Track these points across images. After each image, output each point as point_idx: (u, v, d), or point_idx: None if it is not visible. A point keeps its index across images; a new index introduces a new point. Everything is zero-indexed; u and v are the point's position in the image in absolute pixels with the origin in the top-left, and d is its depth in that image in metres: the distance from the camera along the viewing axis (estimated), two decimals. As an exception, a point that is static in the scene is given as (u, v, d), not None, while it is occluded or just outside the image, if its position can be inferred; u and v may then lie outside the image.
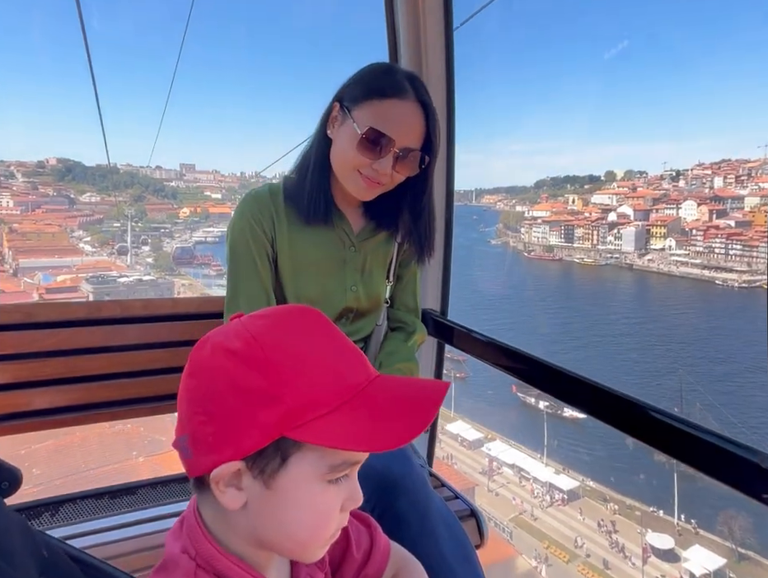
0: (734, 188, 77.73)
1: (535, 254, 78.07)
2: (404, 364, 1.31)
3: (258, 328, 0.56)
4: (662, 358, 37.77)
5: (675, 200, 76.41)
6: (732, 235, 64.58)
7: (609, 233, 75.24)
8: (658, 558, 18.36)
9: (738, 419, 27.56)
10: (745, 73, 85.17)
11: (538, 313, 50.68)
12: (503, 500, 22.03)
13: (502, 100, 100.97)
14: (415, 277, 1.44)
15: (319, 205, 1.21)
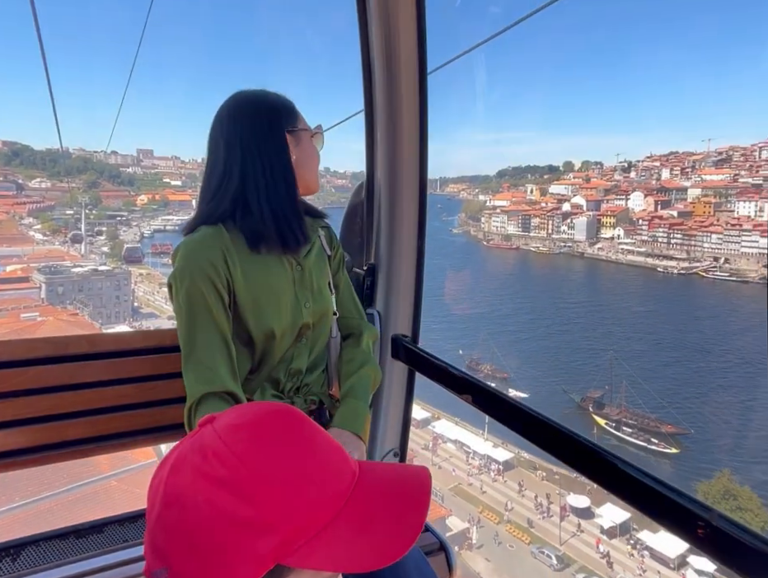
0: (679, 179, 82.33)
1: (493, 243, 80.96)
2: (365, 369, 1.33)
3: (242, 447, 0.51)
4: (603, 340, 40.90)
5: (624, 191, 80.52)
6: (674, 224, 69.00)
7: (563, 223, 78.79)
8: (576, 516, 20.86)
9: (655, 391, 30.68)
10: (700, 69, 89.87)
11: (493, 302, 53.23)
12: (445, 472, 24.12)
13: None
14: (348, 281, 1.46)
15: (304, 228, 1.24)
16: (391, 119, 1.68)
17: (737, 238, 62.58)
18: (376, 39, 1.60)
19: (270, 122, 1.22)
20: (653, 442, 26.91)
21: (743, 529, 0.83)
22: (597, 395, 31.02)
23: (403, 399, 1.89)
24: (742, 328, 44.10)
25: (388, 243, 1.79)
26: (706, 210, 69.20)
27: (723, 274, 59.97)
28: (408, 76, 1.62)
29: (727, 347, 39.94)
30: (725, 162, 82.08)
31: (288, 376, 1.28)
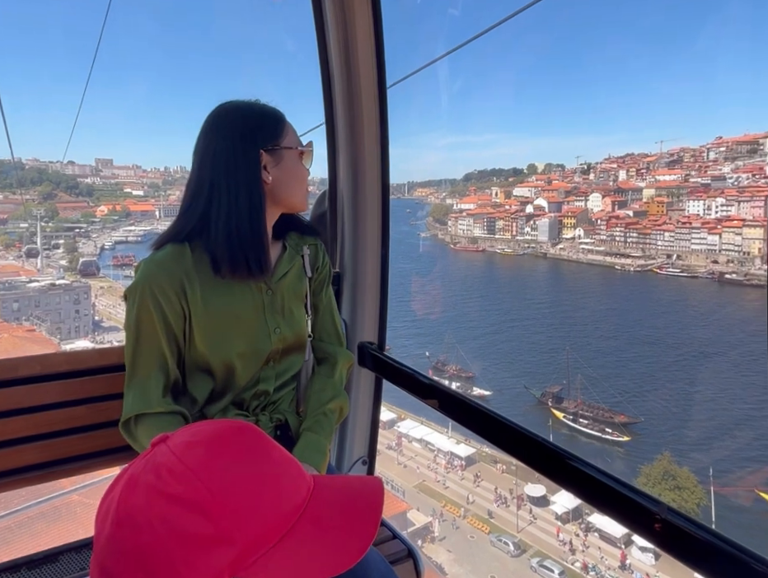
0: (635, 180, 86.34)
1: (460, 246, 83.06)
2: (334, 403, 1.32)
3: (197, 462, 0.52)
4: (563, 338, 42.84)
5: (584, 192, 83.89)
6: (630, 224, 72.43)
7: (527, 224, 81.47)
8: (532, 504, 22.19)
9: (611, 386, 32.57)
10: (663, 72, 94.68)
11: (459, 304, 54.83)
12: (410, 470, 25.13)
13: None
14: (331, 302, 1.43)
15: (267, 255, 1.18)
16: (352, 129, 1.69)
17: (688, 235, 66.36)
18: (334, 51, 1.60)
19: (244, 139, 1.16)
20: (607, 432, 28.66)
21: (692, 522, 0.86)
22: (556, 390, 32.69)
23: (370, 407, 1.87)
24: (693, 321, 46.96)
25: (352, 251, 1.81)
26: (659, 209, 73.05)
27: (676, 270, 63.52)
28: (367, 87, 1.63)
29: (678, 339, 42.46)
30: (677, 163, 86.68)
31: (253, 397, 1.26)
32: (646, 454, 25.10)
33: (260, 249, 1.18)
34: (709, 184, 76.92)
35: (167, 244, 1.19)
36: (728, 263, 61.86)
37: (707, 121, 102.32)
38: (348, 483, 0.64)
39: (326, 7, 1.59)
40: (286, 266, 1.31)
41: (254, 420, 1.26)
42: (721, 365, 36.75)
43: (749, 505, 21.41)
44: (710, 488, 20.87)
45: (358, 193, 1.79)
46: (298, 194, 1.27)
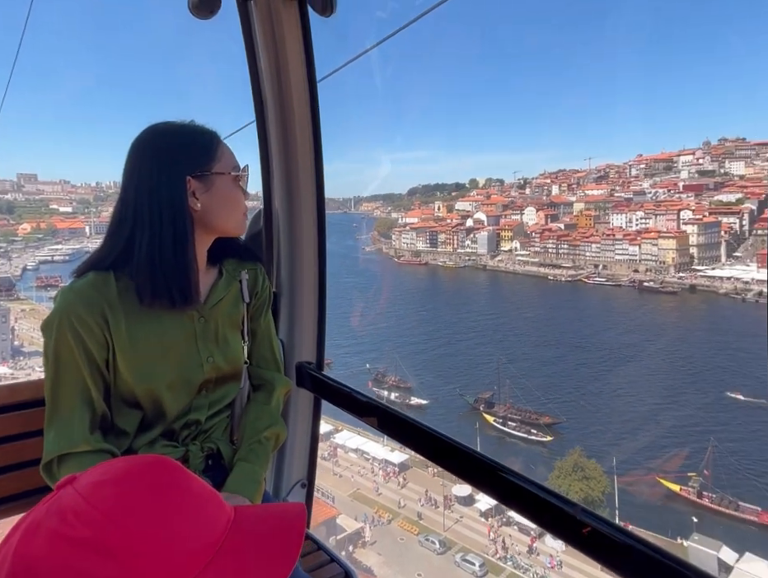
0: (566, 195, 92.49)
1: (404, 259, 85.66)
2: (270, 431, 1.30)
3: (106, 503, 0.50)
4: (498, 346, 45.47)
5: (520, 206, 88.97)
6: (561, 236, 77.54)
7: (467, 237, 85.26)
8: (459, 504, 23.80)
9: (539, 389, 35.14)
10: (583, 90, 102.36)
11: (401, 316, 56.65)
12: (345, 480, 26.13)
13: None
14: (270, 327, 1.41)
15: (192, 286, 1.15)
16: (286, 145, 1.68)
17: (612, 247, 72.03)
18: (264, 63, 1.59)
19: (169, 164, 1.13)
20: (533, 433, 30.94)
21: (605, 523, 0.92)
22: (488, 396, 34.81)
23: (309, 428, 1.85)
24: (615, 326, 51.16)
25: (289, 270, 1.79)
26: (588, 222, 78.79)
27: (602, 280, 68.76)
28: (298, 92, 1.61)
29: (602, 343, 46.13)
30: (603, 179, 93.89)
31: (184, 427, 1.24)
32: (565, 450, 27.42)
33: (185, 278, 1.13)
34: (631, 198, 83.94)
35: (90, 273, 1.14)
36: (647, 272, 67.74)
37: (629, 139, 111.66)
38: (269, 512, 0.66)
39: (253, 19, 1.57)
40: (221, 292, 1.27)
41: (183, 450, 1.22)
42: (638, 367, 40.35)
43: (649, 490, 24.07)
44: (615, 477, 23.28)
45: (293, 210, 1.77)
46: (232, 220, 1.22)
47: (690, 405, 32.65)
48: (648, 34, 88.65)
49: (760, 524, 21.24)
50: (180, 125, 1.20)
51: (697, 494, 23.41)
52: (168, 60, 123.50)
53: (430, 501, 24.33)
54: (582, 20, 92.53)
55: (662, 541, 21.41)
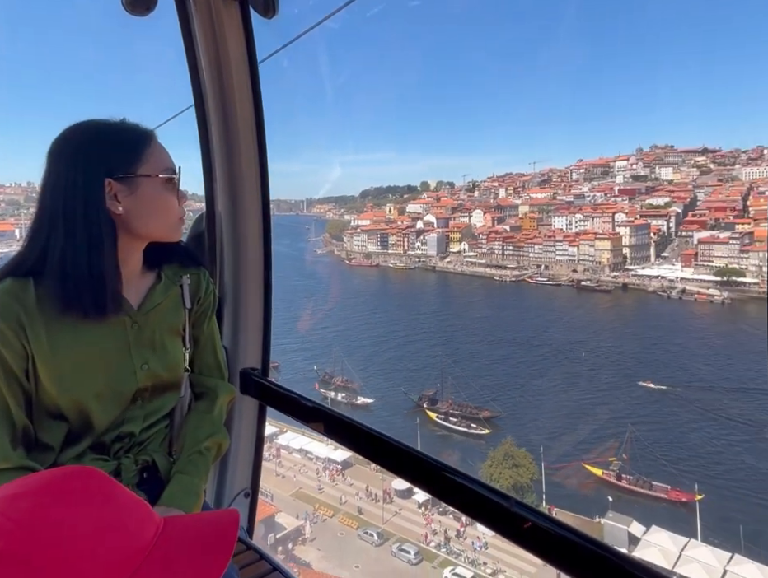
0: (513, 198, 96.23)
1: (355, 262, 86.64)
2: (211, 440, 1.27)
3: (23, 516, 0.49)
4: (443, 345, 47.06)
5: (468, 209, 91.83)
6: (506, 238, 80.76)
7: (417, 239, 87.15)
8: (399, 497, 24.82)
9: (481, 385, 36.82)
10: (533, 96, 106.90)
11: (350, 318, 57.40)
12: (288, 480, 26.61)
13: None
14: (213, 334, 1.37)
15: (107, 294, 1.09)
16: (228, 144, 1.66)
17: (553, 248, 75.83)
18: (203, 55, 1.58)
19: (88, 165, 1.07)
20: (473, 427, 32.50)
21: (538, 513, 0.96)
22: (431, 393, 36.16)
23: (254, 436, 1.82)
24: (553, 324, 54.07)
25: (233, 274, 1.76)
26: (531, 224, 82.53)
27: (544, 279, 72.38)
28: (242, 103, 1.60)
29: (542, 340, 48.66)
30: (547, 182, 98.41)
31: (116, 439, 1.18)
32: (501, 442, 29.03)
33: (99, 286, 1.08)
34: (572, 201, 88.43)
35: (7, 279, 1.09)
36: (585, 272, 71.84)
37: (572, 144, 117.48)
38: (202, 520, 0.67)
39: (193, 19, 1.55)
40: (159, 298, 1.23)
41: (115, 464, 1.17)
42: (573, 362, 42.94)
43: (575, 475, 26.00)
44: (542, 464, 25.00)
45: (237, 212, 1.72)
46: (161, 225, 1.17)
47: (617, 396, 35.30)
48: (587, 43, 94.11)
49: (669, 500, 23.49)
50: (104, 123, 1.14)
51: (617, 477, 25.54)
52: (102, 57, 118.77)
53: (371, 495, 25.22)
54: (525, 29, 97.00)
55: (582, 520, 23.29)
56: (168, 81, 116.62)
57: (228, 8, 1.53)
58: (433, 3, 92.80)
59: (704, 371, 38.86)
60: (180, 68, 1.67)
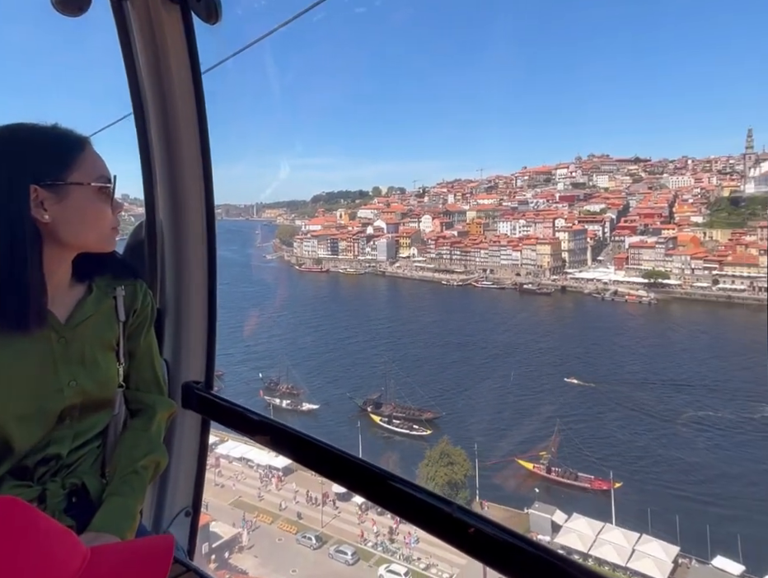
0: (461, 203, 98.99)
1: (305, 267, 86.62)
2: (148, 459, 1.21)
3: None
4: (390, 349, 48.01)
5: (417, 214, 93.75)
6: (454, 243, 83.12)
7: (367, 245, 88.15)
8: (339, 500, 25.34)
9: (426, 388, 37.94)
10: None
11: (299, 324, 57.43)
12: (227, 489, 26.56)
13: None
14: (151, 347, 1.32)
15: (31, 307, 1.04)
16: (168, 149, 1.62)
17: (498, 252, 78.79)
18: (143, 59, 1.56)
19: (11, 171, 1.04)
20: (415, 428, 33.50)
21: (479, 518, 0.96)
22: (375, 397, 36.92)
23: (196, 451, 1.78)
24: (497, 326, 56.25)
25: (174, 284, 1.72)
26: (478, 230, 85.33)
27: (489, 283, 75.14)
28: (184, 104, 1.57)
29: (486, 342, 50.53)
30: (493, 189, 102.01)
31: (40, 463, 1.11)
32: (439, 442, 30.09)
33: (22, 298, 1.03)
34: (517, 207, 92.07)
35: None
36: (527, 275, 75.11)
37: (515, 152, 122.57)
38: (132, 548, 0.65)
39: (131, 21, 1.53)
40: (89, 310, 1.17)
41: (39, 490, 1.09)
42: (513, 362, 44.88)
43: (508, 470, 27.44)
44: (476, 461, 26.24)
45: (179, 220, 1.68)
46: (91, 235, 1.12)
47: (553, 394, 37.37)
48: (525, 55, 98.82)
49: (592, 489, 25.28)
50: (32, 128, 1.10)
51: (546, 469, 27.19)
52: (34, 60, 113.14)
53: (311, 500, 25.62)
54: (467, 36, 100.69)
55: (512, 512, 24.69)
56: (108, 86, 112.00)
57: (169, 12, 1.50)
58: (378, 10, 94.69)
59: (637, 369, 41.74)
60: (120, 72, 1.64)
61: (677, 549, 19.45)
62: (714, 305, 61.42)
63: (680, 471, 25.83)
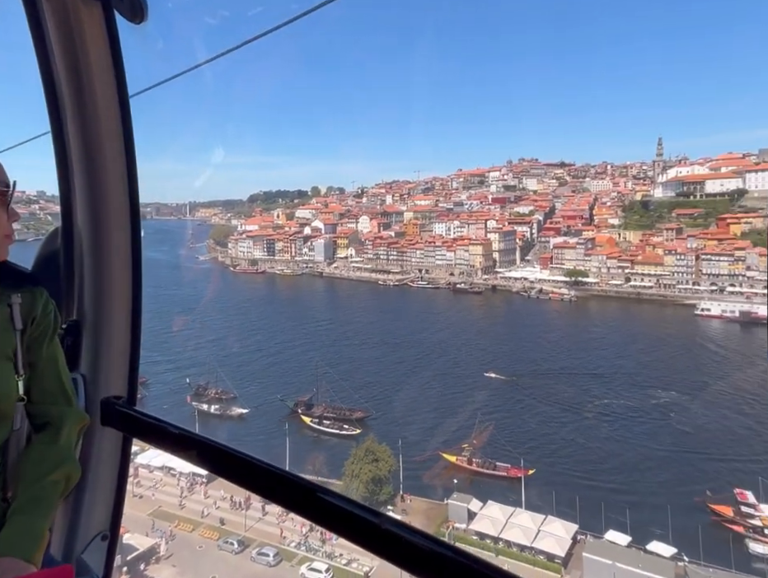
0: (398, 204, 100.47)
1: (240, 268, 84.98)
2: (58, 472, 1.11)
3: None
4: (325, 351, 48.17)
5: (355, 215, 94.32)
6: (391, 243, 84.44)
7: (305, 245, 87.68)
8: (267, 503, 25.31)
9: (356, 386, 38.46)
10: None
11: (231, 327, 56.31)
12: (146, 500, 25.80)
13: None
14: (55, 357, 1.23)
15: None
16: (89, 151, 1.55)
17: (433, 253, 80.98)
18: (59, 58, 1.49)
19: None
20: (345, 428, 33.98)
21: (408, 529, 0.95)
22: (306, 399, 37.03)
23: (116, 472, 1.68)
24: (431, 325, 57.90)
25: (94, 294, 1.63)
26: (414, 230, 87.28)
27: (424, 283, 77.20)
28: (105, 99, 1.51)
29: (418, 341, 51.83)
30: (430, 190, 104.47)
31: None
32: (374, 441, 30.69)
33: None
34: (452, 208, 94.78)
35: None
36: (460, 275, 77.82)
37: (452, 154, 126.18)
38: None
39: (46, 19, 1.47)
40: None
41: None
42: (445, 360, 46.41)
43: (433, 464, 28.53)
44: (400, 457, 27.11)
45: (100, 225, 1.59)
46: None
47: (478, 388, 39.12)
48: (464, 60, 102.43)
49: (508, 477, 26.85)
50: None
51: (468, 461, 28.53)
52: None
53: (236, 505, 25.43)
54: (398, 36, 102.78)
55: (433, 504, 25.79)
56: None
57: (89, 9, 1.43)
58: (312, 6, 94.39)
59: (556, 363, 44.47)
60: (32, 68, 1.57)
61: (576, 527, 21.18)
62: (626, 301, 66.51)
63: (584, 456, 28.05)
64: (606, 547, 19.76)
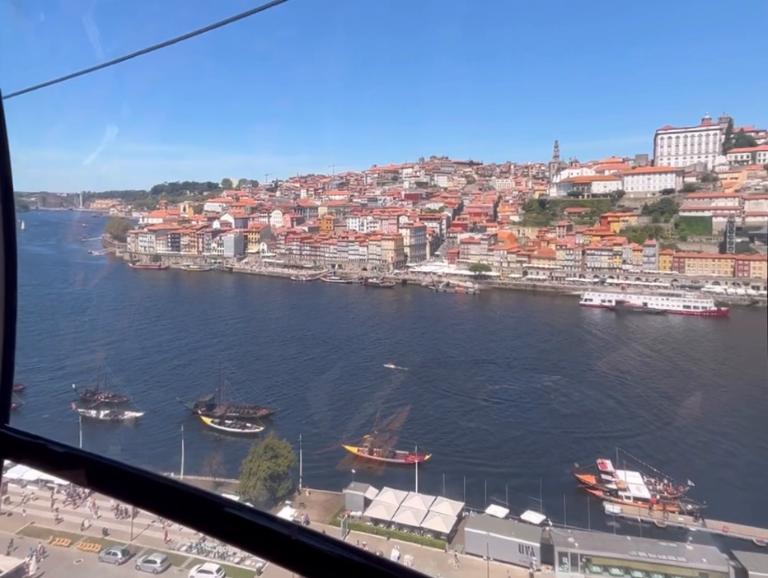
0: (313, 199, 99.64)
1: (141, 264, 79.99)
2: None
3: None
4: (229, 349, 46.65)
5: (268, 209, 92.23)
6: (304, 238, 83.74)
7: (213, 240, 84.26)
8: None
9: (260, 385, 37.61)
10: None
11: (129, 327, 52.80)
12: (16, 517, 23.61)
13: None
14: None
15: None
16: None
17: (346, 248, 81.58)
18: None
19: None
20: (248, 426, 33.27)
21: (320, 537, 0.93)
22: (208, 399, 35.71)
23: None
24: (341, 321, 58.29)
25: None
26: (328, 225, 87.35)
27: (336, 278, 77.70)
28: None
29: (328, 337, 51.94)
30: (344, 185, 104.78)
31: None
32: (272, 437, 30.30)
33: None
34: (366, 204, 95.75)
35: None
36: (373, 270, 79.15)
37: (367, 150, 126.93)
38: None
39: None
40: None
41: None
42: (357, 356, 46.89)
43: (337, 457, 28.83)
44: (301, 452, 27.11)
45: None
46: None
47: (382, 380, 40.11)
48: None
49: (406, 463, 27.87)
50: None
51: (369, 451, 29.19)
52: None
53: (121, 513, 24.06)
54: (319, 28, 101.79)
55: (332, 495, 26.17)
56: None
57: None
58: None
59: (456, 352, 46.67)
60: None
61: (462, 505, 22.57)
62: (523, 293, 71.53)
63: (474, 438, 29.92)
64: (487, 520, 21.28)
